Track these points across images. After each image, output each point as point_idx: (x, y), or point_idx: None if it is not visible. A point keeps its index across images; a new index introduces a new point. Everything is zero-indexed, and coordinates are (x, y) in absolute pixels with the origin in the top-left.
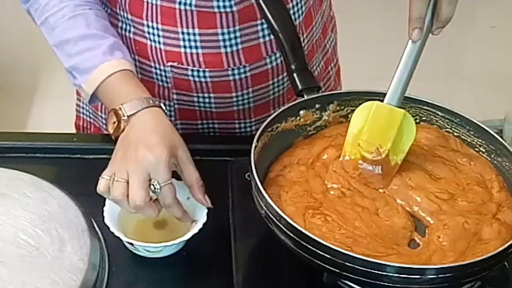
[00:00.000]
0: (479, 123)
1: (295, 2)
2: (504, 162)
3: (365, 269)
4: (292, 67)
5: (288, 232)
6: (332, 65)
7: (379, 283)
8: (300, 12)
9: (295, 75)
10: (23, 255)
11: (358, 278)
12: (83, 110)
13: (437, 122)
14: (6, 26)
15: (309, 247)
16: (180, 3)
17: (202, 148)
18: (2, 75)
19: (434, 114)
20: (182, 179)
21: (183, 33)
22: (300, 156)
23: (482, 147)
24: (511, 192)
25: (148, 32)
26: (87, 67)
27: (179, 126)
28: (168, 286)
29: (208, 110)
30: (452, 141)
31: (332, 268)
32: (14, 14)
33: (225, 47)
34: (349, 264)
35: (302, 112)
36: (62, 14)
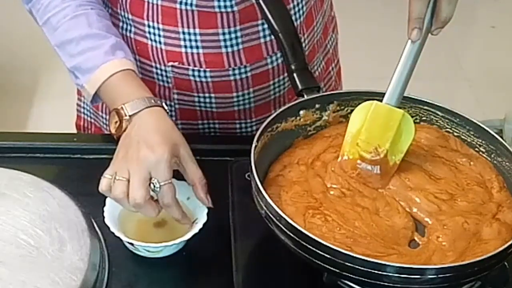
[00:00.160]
0: (479, 123)
1: (296, 2)
2: (504, 162)
3: (365, 269)
4: (292, 67)
5: (288, 232)
6: (333, 65)
7: (379, 283)
8: (301, 12)
9: (295, 75)
10: (23, 255)
11: (358, 278)
12: (83, 110)
13: (437, 122)
14: (6, 26)
15: (309, 247)
16: (181, 3)
17: (202, 148)
18: (2, 75)
19: (434, 114)
20: (185, 178)
21: (183, 33)
22: (300, 156)
23: (482, 147)
24: (511, 192)
25: (149, 32)
26: (89, 67)
27: (179, 126)
28: (168, 286)
29: (208, 110)
30: (452, 141)
31: (332, 268)
32: (14, 14)
33: (225, 47)
34: (349, 264)
35: (302, 112)
36: (64, 14)
